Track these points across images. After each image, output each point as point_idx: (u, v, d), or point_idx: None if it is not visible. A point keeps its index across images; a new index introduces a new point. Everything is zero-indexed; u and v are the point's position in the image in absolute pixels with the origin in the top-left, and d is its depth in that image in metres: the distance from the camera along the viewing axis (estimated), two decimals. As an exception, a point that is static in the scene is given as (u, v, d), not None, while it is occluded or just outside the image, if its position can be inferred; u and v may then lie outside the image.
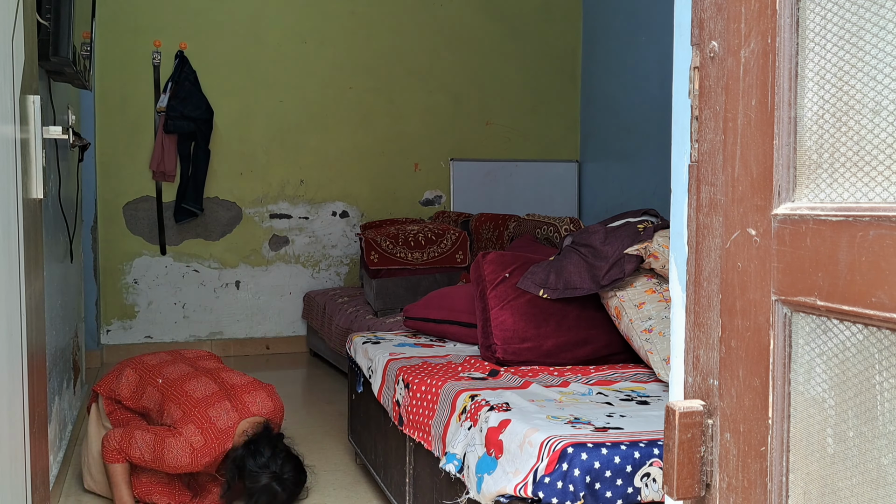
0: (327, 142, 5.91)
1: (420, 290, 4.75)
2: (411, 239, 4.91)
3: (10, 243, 1.67)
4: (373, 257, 4.79)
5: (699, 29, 0.97)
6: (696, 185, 0.98)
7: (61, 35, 2.51)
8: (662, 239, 2.74)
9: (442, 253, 4.93)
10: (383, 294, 4.72)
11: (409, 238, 4.91)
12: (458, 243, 4.98)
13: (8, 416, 1.61)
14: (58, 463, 3.20)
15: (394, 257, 4.83)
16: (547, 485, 1.88)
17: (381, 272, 4.82)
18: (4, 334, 1.59)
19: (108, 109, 5.46)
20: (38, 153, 1.95)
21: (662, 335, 2.64)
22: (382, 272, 4.83)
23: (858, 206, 0.78)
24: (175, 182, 5.57)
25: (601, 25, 6.17)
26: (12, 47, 1.70)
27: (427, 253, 4.90)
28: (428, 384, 2.63)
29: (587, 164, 6.39)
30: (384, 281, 4.75)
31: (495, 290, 2.93)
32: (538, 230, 4.42)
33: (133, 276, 5.58)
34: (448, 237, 4.98)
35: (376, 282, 4.73)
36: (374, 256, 4.79)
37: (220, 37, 5.65)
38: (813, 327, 0.84)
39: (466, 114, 6.20)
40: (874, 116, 0.78)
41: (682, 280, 1.03)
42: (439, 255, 4.92)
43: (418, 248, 4.88)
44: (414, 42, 6.05)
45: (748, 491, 0.90)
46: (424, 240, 4.93)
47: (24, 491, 1.75)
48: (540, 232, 4.39)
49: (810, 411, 0.85)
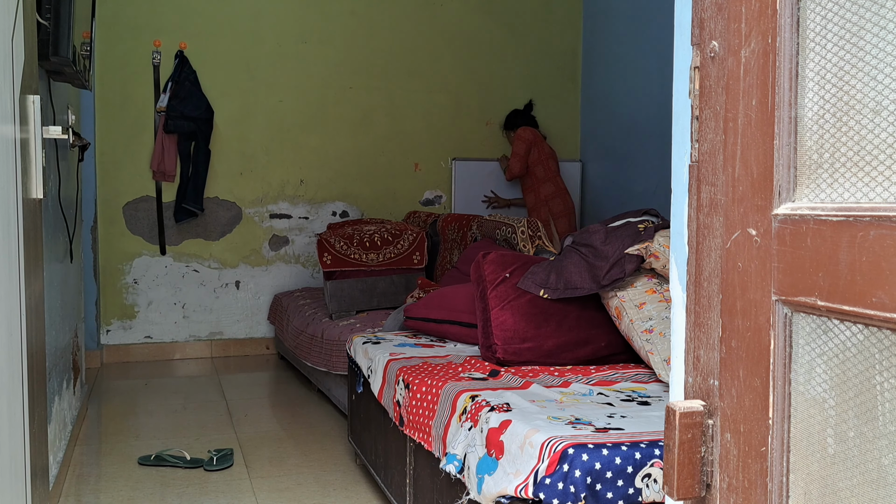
0: (327, 142, 5.91)
1: (377, 292, 4.62)
2: (367, 240, 4.78)
3: (10, 243, 1.67)
4: (326, 259, 4.68)
5: (699, 29, 0.97)
6: (697, 185, 0.98)
7: (61, 35, 2.51)
8: (663, 239, 2.74)
9: (399, 254, 4.80)
10: (338, 296, 4.59)
11: (364, 239, 4.78)
12: (415, 244, 4.84)
13: (8, 416, 1.61)
14: (58, 463, 3.20)
15: (348, 258, 4.71)
16: (548, 486, 1.88)
17: (335, 274, 4.71)
18: (4, 334, 1.59)
19: (108, 109, 5.46)
20: (38, 153, 1.95)
21: (663, 335, 2.64)
22: (337, 274, 4.71)
23: (859, 206, 0.78)
24: (175, 182, 5.57)
25: (601, 25, 6.16)
26: (12, 47, 1.70)
27: (383, 254, 4.77)
28: (428, 384, 2.63)
29: (587, 164, 6.39)
30: (339, 283, 4.62)
31: (496, 290, 2.93)
32: (497, 231, 4.38)
33: (133, 276, 5.58)
34: (405, 238, 4.85)
35: (330, 283, 4.61)
36: (328, 258, 4.68)
37: (220, 37, 5.64)
38: (813, 327, 0.84)
39: (466, 114, 6.20)
40: (875, 116, 0.78)
41: (682, 280, 1.03)
42: (396, 256, 4.79)
43: (374, 249, 4.76)
44: (414, 42, 6.05)
45: (748, 491, 0.90)
46: (381, 240, 4.80)
47: (24, 491, 1.75)
48: (499, 233, 4.35)
49: (811, 411, 0.85)
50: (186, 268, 5.68)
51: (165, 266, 5.64)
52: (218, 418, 4.23)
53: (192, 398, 4.63)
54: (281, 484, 3.31)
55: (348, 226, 5.15)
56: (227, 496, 3.18)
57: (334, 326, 4.28)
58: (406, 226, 5.01)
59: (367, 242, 4.77)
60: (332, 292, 4.58)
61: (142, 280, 5.60)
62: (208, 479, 3.35)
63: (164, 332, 5.66)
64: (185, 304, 5.68)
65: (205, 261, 5.71)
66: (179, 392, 4.78)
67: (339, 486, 3.31)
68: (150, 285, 5.61)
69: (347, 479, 3.39)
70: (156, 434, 3.95)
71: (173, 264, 5.65)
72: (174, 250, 5.65)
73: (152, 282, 5.62)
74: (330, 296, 4.58)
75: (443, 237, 5.07)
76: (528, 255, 3.44)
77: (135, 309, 5.60)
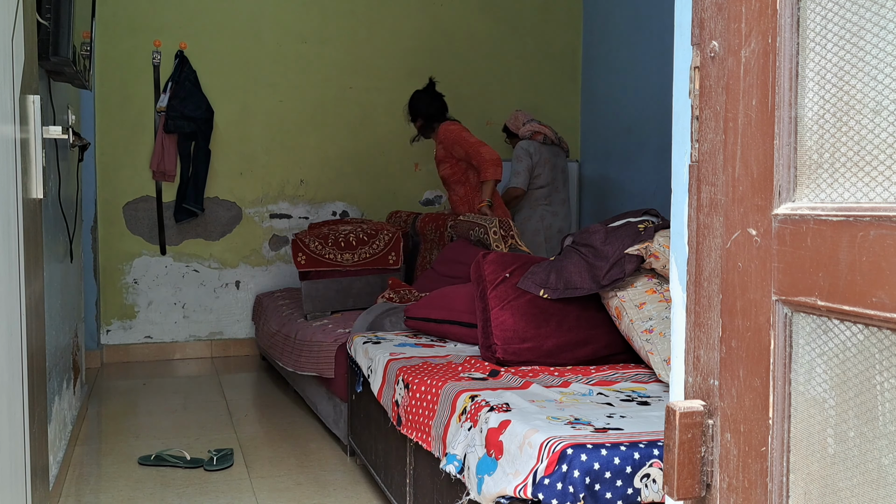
0: (327, 142, 5.91)
1: (352, 292, 4.57)
2: (342, 239, 4.73)
3: (10, 243, 1.67)
4: (300, 259, 4.64)
5: (700, 29, 0.97)
6: (697, 185, 0.98)
7: (61, 35, 2.51)
8: (663, 239, 2.74)
9: (374, 254, 4.74)
10: (312, 297, 4.54)
11: (339, 239, 4.73)
12: (391, 244, 4.78)
13: (8, 416, 1.61)
14: (58, 463, 3.20)
15: (322, 258, 4.66)
16: (547, 486, 1.88)
17: (309, 274, 4.68)
18: (4, 334, 1.59)
19: (108, 109, 5.46)
20: (38, 153, 1.95)
21: (663, 335, 2.64)
22: (312, 274, 4.68)
23: (859, 206, 0.78)
24: (175, 182, 5.57)
25: (601, 25, 6.16)
26: (12, 47, 1.70)
27: (358, 254, 4.71)
28: (428, 384, 2.63)
29: (587, 164, 6.39)
30: (313, 283, 4.57)
31: (496, 290, 2.93)
32: (471, 231, 4.36)
33: (133, 276, 5.58)
34: (381, 238, 4.79)
35: (305, 284, 4.57)
36: (302, 258, 4.64)
37: (220, 37, 5.65)
38: (813, 327, 0.84)
39: (466, 114, 6.19)
40: (875, 116, 0.78)
41: (682, 280, 1.03)
42: (371, 256, 4.73)
43: (349, 249, 4.71)
44: (414, 42, 6.05)
45: (748, 491, 0.90)
46: (356, 240, 4.74)
47: (24, 491, 1.75)
48: (473, 233, 4.33)
49: (811, 411, 0.85)
50: (186, 268, 5.68)
51: (165, 266, 5.64)
52: (218, 418, 4.23)
53: (192, 398, 4.63)
54: (281, 484, 3.31)
55: (326, 226, 5.10)
56: (227, 496, 3.18)
57: (307, 327, 4.24)
58: (383, 226, 4.94)
59: (343, 242, 4.72)
60: (307, 292, 4.54)
61: (142, 280, 5.60)
62: (208, 479, 3.35)
63: (164, 332, 5.66)
64: (185, 304, 5.68)
65: (205, 261, 5.71)
66: (179, 392, 4.78)
67: (339, 486, 3.31)
68: (150, 285, 5.61)
69: (347, 479, 3.39)
70: (156, 434, 3.95)
71: (173, 264, 5.65)
72: (174, 250, 5.65)
73: (152, 282, 5.62)
74: (305, 296, 4.54)
75: (422, 237, 5.03)
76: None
77: (135, 309, 5.60)
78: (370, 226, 4.92)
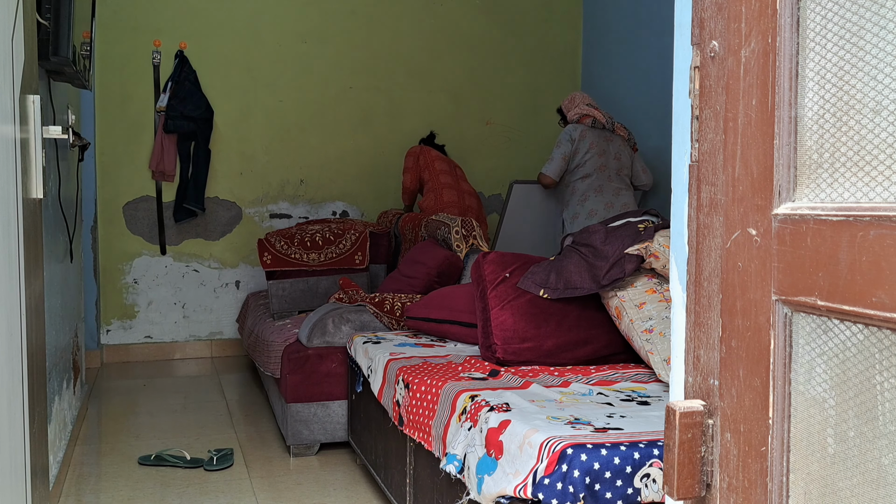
0: (327, 142, 5.91)
1: (318, 292, 4.57)
2: (308, 239, 4.73)
3: (10, 243, 1.67)
4: (266, 259, 4.65)
5: (699, 28, 0.97)
6: (697, 185, 0.98)
7: (61, 35, 2.52)
8: (663, 239, 2.74)
9: (340, 254, 4.74)
10: (279, 296, 4.55)
11: (305, 238, 4.73)
12: (357, 244, 4.78)
13: (8, 416, 1.61)
14: (58, 463, 3.20)
15: (288, 258, 4.67)
16: (546, 486, 1.88)
17: (276, 274, 4.68)
18: (4, 334, 1.59)
19: (108, 109, 5.46)
20: (38, 153, 1.95)
21: (663, 335, 2.64)
22: (278, 274, 4.68)
23: (859, 206, 0.78)
24: (175, 182, 5.57)
25: (601, 25, 6.16)
26: (12, 47, 1.70)
27: (324, 254, 4.71)
28: (428, 384, 2.63)
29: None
30: (280, 283, 4.58)
31: (495, 290, 2.93)
32: (438, 231, 4.35)
33: (133, 275, 5.58)
34: (348, 237, 4.79)
35: (271, 284, 4.59)
36: (268, 258, 4.65)
37: (219, 37, 5.64)
38: (813, 327, 0.84)
39: (466, 114, 6.20)
40: (875, 116, 0.78)
41: (682, 280, 1.03)
42: (337, 255, 4.73)
43: (315, 249, 4.71)
44: (414, 42, 6.05)
45: (749, 491, 0.90)
46: (322, 240, 4.75)
47: (24, 491, 1.75)
48: (439, 233, 4.32)
49: (811, 411, 0.85)
50: (186, 268, 5.68)
51: (165, 266, 5.64)
52: (218, 418, 4.23)
53: (192, 398, 4.63)
54: (281, 484, 3.31)
55: (296, 226, 5.10)
56: (227, 496, 3.18)
57: (270, 327, 4.25)
58: (352, 225, 4.94)
59: (309, 242, 4.72)
60: (274, 292, 4.56)
61: (142, 280, 5.60)
62: (208, 479, 3.35)
63: (164, 331, 5.66)
64: (185, 304, 5.68)
65: (205, 261, 5.71)
66: (179, 392, 4.78)
67: (339, 486, 3.31)
68: (150, 285, 5.61)
69: (347, 479, 3.39)
70: (156, 434, 3.95)
71: (173, 264, 5.65)
72: (174, 250, 5.65)
73: (152, 282, 5.61)
74: (271, 296, 4.56)
75: (403, 237, 5.04)
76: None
77: (135, 309, 5.60)
78: (338, 225, 4.92)
